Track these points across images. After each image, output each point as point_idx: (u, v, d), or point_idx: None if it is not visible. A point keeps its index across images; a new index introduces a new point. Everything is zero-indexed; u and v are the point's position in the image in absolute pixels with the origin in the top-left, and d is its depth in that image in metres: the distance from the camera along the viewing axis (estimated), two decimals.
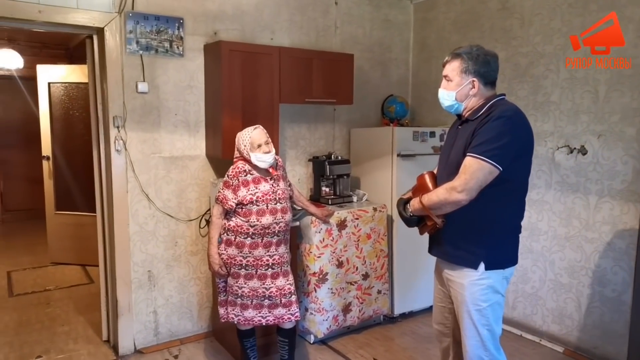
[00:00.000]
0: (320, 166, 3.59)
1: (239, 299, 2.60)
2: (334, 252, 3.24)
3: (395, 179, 3.54)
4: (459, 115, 2.14)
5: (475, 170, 1.86)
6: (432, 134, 3.68)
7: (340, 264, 3.28)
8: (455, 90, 2.04)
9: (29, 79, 5.78)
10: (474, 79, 2.00)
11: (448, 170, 2.02)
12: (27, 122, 6.57)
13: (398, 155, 3.51)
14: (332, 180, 3.64)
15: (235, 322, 2.66)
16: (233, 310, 2.63)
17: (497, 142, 1.86)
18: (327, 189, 3.65)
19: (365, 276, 3.42)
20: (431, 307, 3.72)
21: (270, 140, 2.62)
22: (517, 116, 1.94)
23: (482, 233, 1.98)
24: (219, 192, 2.61)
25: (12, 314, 3.81)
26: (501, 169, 1.86)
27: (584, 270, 3.10)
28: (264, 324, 2.63)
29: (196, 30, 3.21)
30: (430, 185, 2.08)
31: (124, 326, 3.15)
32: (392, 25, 4.15)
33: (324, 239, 3.19)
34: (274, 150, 2.61)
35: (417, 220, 2.10)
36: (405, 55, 4.27)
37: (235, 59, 3.04)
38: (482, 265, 1.97)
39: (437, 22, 4.04)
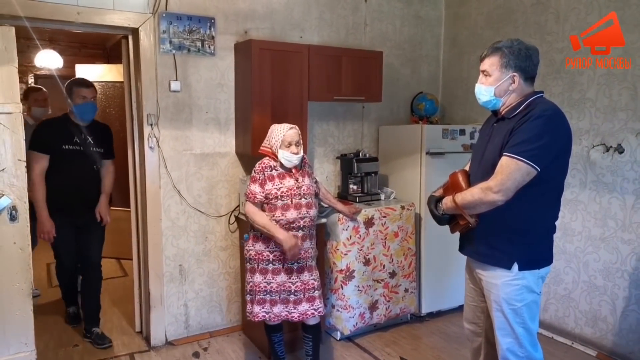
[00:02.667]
0: (348, 164, 3.59)
1: (268, 295, 2.63)
2: (361, 250, 3.25)
3: (424, 177, 3.51)
4: (495, 112, 2.09)
5: (513, 171, 1.81)
6: (462, 132, 3.63)
7: (367, 262, 3.28)
8: (494, 85, 1.97)
9: (69, 78, 5.97)
10: (515, 73, 1.93)
11: (483, 169, 1.99)
12: None
13: (427, 153, 3.48)
14: (360, 178, 3.64)
15: (267, 319, 2.67)
16: (263, 308, 2.64)
17: (536, 143, 1.81)
18: (355, 187, 3.65)
19: (393, 274, 3.41)
20: (460, 306, 3.70)
21: (302, 142, 2.63)
22: (558, 116, 1.89)
23: (516, 233, 1.95)
24: (248, 188, 2.65)
25: (51, 304, 3.98)
26: (539, 169, 1.81)
27: (619, 272, 3.00)
28: (289, 319, 2.66)
29: (227, 30, 3.26)
30: (463, 184, 2.04)
31: (156, 318, 3.24)
32: (422, 22, 4.11)
33: (351, 237, 3.20)
34: (302, 153, 2.62)
35: (448, 219, 2.08)
36: (436, 51, 4.22)
37: (265, 57, 3.07)
38: (515, 266, 1.93)
39: (469, 18, 3.97)
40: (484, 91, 2.01)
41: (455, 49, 4.13)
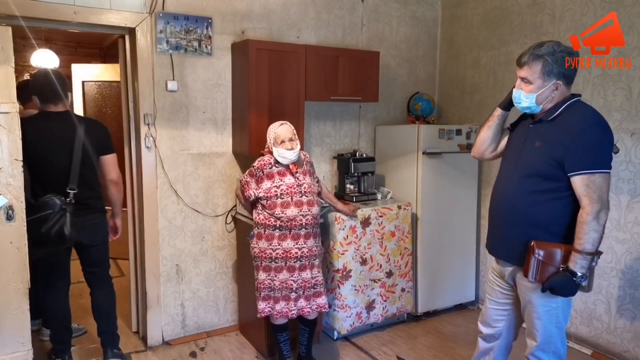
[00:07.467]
0: (345, 163, 3.60)
1: (272, 292, 2.67)
2: (357, 250, 3.26)
3: (420, 177, 3.52)
4: (529, 115, 2.06)
5: (602, 185, 1.83)
6: (459, 132, 3.65)
7: (364, 261, 3.29)
8: (536, 93, 1.92)
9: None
10: (559, 81, 1.89)
11: (521, 172, 1.97)
12: None
13: (423, 153, 3.49)
14: (357, 178, 3.65)
15: (269, 315, 2.70)
16: (268, 304, 2.69)
17: (603, 149, 1.85)
18: (352, 187, 3.66)
19: (389, 274, 3.42)
20: (456, 306, 3.72)
21: (296, 137, 2.65)
22: (604, 119, 1.90)
23: (558, 238, 1.93)
24: (243, 176, 2.69)
25: None
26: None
27: (614, 272, 3.02)
28: (289, 316, 2.69)
29: (224, 30, 3.26)
30: (553, 246, 1.90)
31: (152, 318, 3.24)
32: (419, 22, 4.12)
33: (347, 236, 3.21)
34: (298, 148, 2.64)
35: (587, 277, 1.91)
36: (432, 52, 4.23)
37: (262, 57, 3.08)
38: None
39: (466, 19, 3.99)
40: (525, 97, 1.96)
41: (452, 50, 4.14)
